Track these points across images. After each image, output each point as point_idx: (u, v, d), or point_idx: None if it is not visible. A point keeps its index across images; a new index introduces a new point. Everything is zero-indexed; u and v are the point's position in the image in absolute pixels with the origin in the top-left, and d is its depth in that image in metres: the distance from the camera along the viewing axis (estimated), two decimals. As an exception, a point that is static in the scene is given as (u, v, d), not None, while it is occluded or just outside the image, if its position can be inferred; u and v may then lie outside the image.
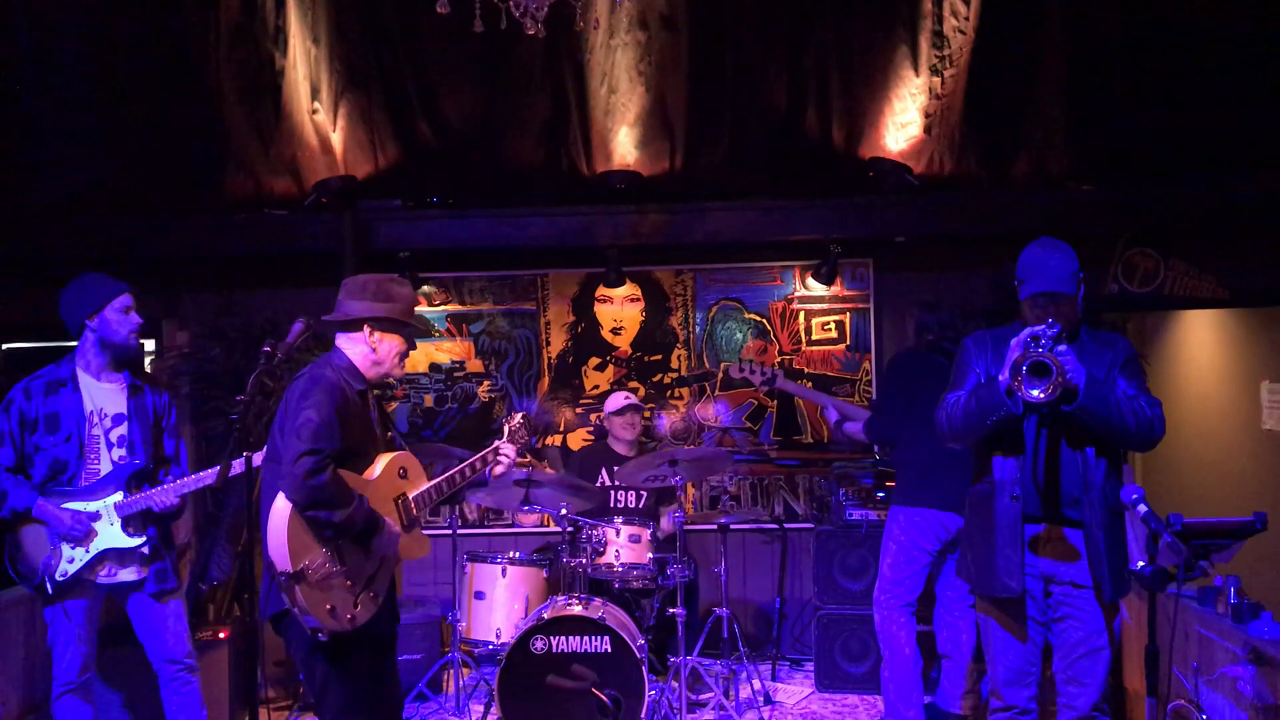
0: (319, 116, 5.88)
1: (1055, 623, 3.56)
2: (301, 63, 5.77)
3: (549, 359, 6.50)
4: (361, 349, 3.54)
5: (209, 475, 4.16)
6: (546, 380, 6.51)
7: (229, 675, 5.20)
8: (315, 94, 5.84)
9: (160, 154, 5.94)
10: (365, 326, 3.51)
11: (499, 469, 3.86)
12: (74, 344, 4.28)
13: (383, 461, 3.53)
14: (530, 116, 5.93)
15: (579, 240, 6.10)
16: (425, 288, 6.45)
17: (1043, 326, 3.33)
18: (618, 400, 5.92)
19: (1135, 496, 3.10)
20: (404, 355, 3.63)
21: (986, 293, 6.04)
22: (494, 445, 3.87)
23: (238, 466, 3.80)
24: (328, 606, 3.29)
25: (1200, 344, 6.75)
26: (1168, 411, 3.56)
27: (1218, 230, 5.97)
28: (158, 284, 6.26)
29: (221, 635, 5.21)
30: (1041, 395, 3.25)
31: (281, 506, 3.26)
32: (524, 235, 6.08)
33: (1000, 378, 3.37)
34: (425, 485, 3.67)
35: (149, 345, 6.60)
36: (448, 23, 3.71)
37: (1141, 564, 3.08)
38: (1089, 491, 3.43)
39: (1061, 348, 3.30)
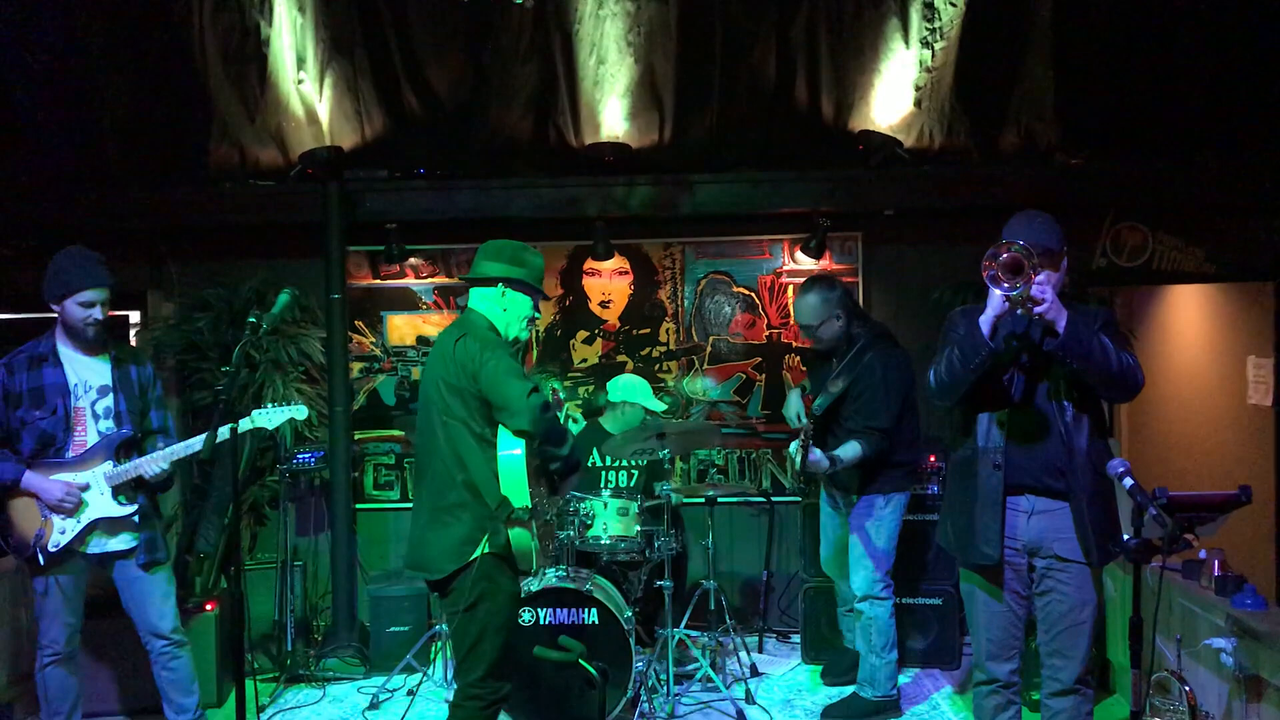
0: (305, 86, 5.84)
1: (1039, 596, 3.57)
2: (287, 31, 5.71)
3: (537, 332, 6.48)
4: (495, 307, 3.76)
5: (196, 442, 4.17)
6: (534, 354, 6.49)
7: (216, 647, 5.21)
8: (301, 63, 5.79)
9: (144, 124, 5.90)
10: (500, 285, 3.74)
11: None
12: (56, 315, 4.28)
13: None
14: (518, 87, 5.88)
15: (567, 212, 6.07)
16: (412, 260, 6.41)
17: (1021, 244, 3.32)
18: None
19: (1121, 469, 3.10)
20: (530, 320, 3.84)
21: (974, 266, 6.03)
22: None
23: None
24: (536, 544, 3.61)
25: (1187, 319, 6.77)
26: (1155, 386, 3.57)
27: (1206, 205, 5.97)
28: (143, 255, 6.23)
29: (208, 607, 5.21)
30: (1012, 291, 3.27)
31: (514, 447, 3.52)
32: (511, 207, 6.05)
33: (981, 319, 3.40)
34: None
35: (134, 317, 6.57)
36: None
37: (1127, 536, 3.09)
38: (1073, 458, 3.44)
39: (1041, 276, 3.30)
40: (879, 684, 4.90)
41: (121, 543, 4.24)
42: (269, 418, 4.35)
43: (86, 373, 4.26)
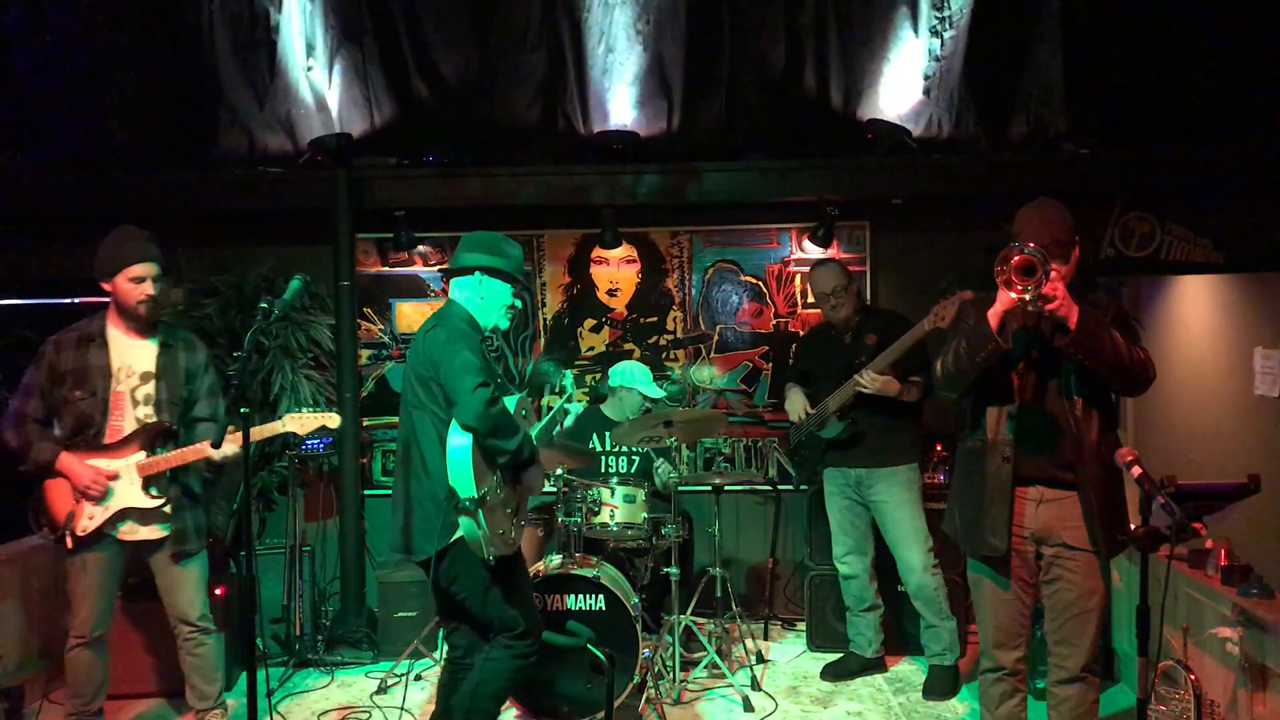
0: (314, 73, 5.83)
1: (1046, 584, 3.58)
2: (296, 18, 5.71)
3: (545, 320, 6.49)
4: (472, 297, 3.84)
5: (204, 446, 4.19)
6: (542, 342, 6.50)
7: (225, 632, 5.22)
8: (310, 50, 5.79)
9: (153, 110, 5.90)
10: (477, 274, 3.82)
11: None
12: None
13: (511, 401, 3.81)
14: (526, 75, 5.88)
15: (575, 200, 6.08)
16: (420, 247, 6.42)
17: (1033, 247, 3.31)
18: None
19: (1130, 459, 3.11)
20: (509, 309, 3.92)
21: (983, 255, 6.03)
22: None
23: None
24: (499, 531, 3.65)
25: (1195, 309, 6.74)
26: (1163, 376, 3.56)
27: (1215, 194, 5.96)
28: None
29: (218, 592, 5.23)
30: (1025, 295, 3.25)
31: (461, 438, 3.60)
32: (519, 195, 6.05)
33: (990, 313, 3.39)
34: (538, 425, 4.07)
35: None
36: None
37: (1134, 525, 3.10)
38: (1083, 452, 3.44)
39: (1052, 273, 3.30)
40: (956, 648, 5.05)
41: (152, 532, 4.23)
42: (302, 423, 4.36)
43: (132, 357, 4.23)
